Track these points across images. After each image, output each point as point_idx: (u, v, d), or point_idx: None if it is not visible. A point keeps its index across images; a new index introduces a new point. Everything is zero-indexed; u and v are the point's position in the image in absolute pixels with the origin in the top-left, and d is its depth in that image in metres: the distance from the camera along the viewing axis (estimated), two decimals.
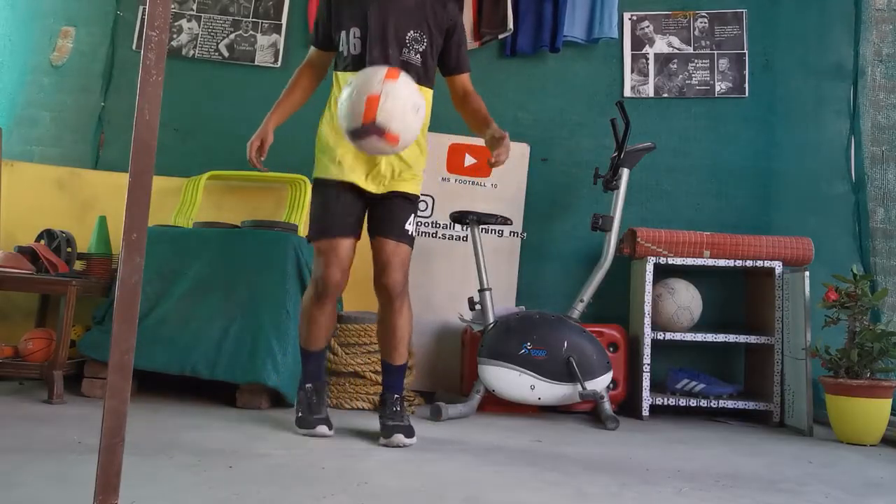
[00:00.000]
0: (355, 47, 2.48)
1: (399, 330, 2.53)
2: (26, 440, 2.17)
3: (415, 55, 2.49)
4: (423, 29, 2.50)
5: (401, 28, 2.47)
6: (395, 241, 2.48)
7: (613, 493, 1.92)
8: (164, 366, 2.98)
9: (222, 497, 1.66)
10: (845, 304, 3.03)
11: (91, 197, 3.72)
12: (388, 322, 2.54)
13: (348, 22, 2.50)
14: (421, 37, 2.50)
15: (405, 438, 2.40)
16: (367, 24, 2.47)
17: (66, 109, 4.03)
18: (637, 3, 4.06)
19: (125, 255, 1.23)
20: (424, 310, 3.68)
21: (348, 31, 2.49)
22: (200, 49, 4.09)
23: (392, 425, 2.44)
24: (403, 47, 2.48)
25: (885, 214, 3.66)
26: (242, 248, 3.16)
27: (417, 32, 2.49)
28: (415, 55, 2.49)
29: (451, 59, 2.60)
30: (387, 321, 2.54)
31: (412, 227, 2.52)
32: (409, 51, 2.48)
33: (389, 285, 2.47)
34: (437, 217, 3.83)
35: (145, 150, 1.26)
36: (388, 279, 2.47)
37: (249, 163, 2.56)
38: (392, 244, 2.47)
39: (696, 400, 3.35)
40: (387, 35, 2.46)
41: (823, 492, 2.05)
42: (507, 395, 3.12)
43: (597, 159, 3.76)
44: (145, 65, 1.26)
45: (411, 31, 2.49)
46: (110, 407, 1.21)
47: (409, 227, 2.50)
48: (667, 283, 3.50)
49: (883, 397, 2.92)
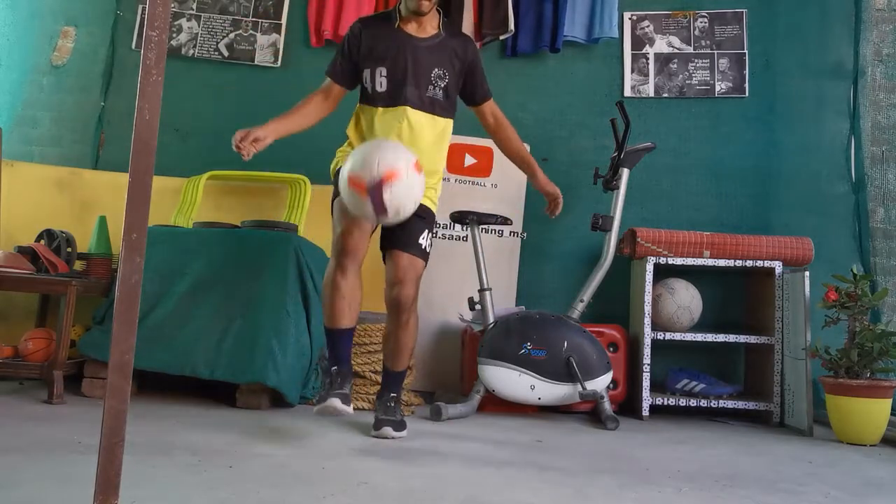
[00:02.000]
0: (381, 85, 2.59)
1: (404, 344, 2.60)
2: (26, 440, 2.16)
3: (439, 91, 2.62)
4: (446, 66, 2.63)
5: (426, 67, 2.60)
6: (409, 255, 2.51)
7: (613, 493, 1.92)
8: (164, 366, 2.98)
9: (222, 497, 1.66)
10: (845, 304, 3.03)
11: (91, 197, 3.72)
12: (395, 335, 2.58)
13: (375, 61, 2.60)
14: (444, 74, 2.63)
15: (393, 431, 2.49)
16: (395, 64, 2.58)
17: (66, 109, 4.03)
18: (637, 3, 4.06)
19: (125, 255, 1.23)
20: (424, 310, 3.67)
21: (374, 70, 2.60)
22: (200, 49, 4.09)
23: (383, 419, 2.54)
24: (429, 84, 2.60)
25: (885, 214, 3.66)
26: (242, 248, 3.16)
27: (441, 70, 2.62)
28: (439, 91, 2.62)
29: (477, 94, 2.75)
30: (394, 334, 2.59)
31: (426, 241, 2.56)
32: (434, 87, 2.61)
33: (401, 300, 2.50)
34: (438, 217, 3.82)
35: (145, 150, 1.26)
36: (401, 293, 2.50)
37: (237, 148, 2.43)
38: (406, 257, 2.51)
39: (696, 400, 3.35)
40: (414, 74, 2.58)
41: (823, 492, 2.05)
42: (507, 395, 3.12)
43: (597, 159, 3.76)
44: (145, 65, 1.26)
45: (436, 69, 2.61)
46: (110, 407, 1.21)
47: (423, 242, 2.55)
48: (667, 283, 3.50)
49: (883, 397, 2.92)
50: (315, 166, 2.83)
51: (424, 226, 2.57)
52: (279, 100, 3.88)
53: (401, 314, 2.52)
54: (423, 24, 2.63)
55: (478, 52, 2.77)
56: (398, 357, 2.62)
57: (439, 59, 2.63)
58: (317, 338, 3.12)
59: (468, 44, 2.72)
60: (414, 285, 2.51)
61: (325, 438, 2.45)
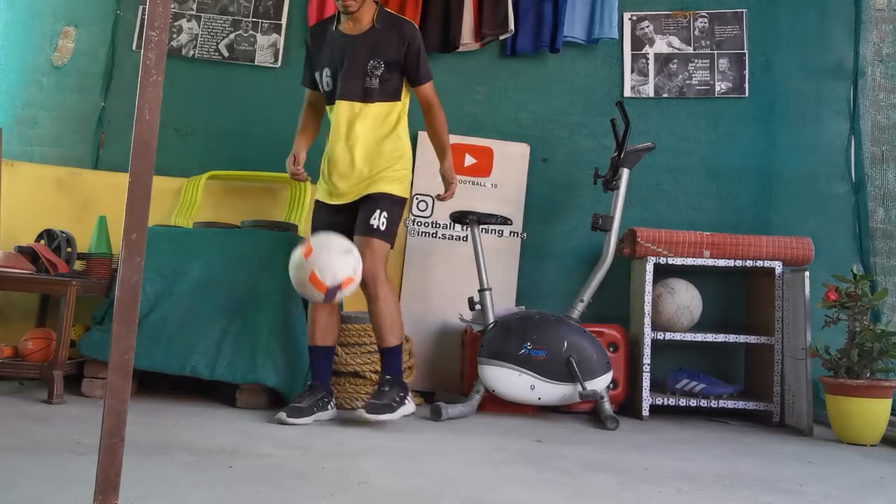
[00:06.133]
0: (328, 84, 2.93)
1: (381, 316, 2.80)
2: (26, 440, 2.17)
3: (375, 81, 2.87)
4: (380, 56, 2.87)
5: (361, 60, 2.87)
6: (363, 237, 2.80)
7: (613, 493, 1.92)
8: (164, 366, 2.98)
9: (222, 497, 1.66)
10: (845, 304, 3.03)
11: (91, 197, 3.72)
12: (371, 310, 2.83)
13: (321, 63, 2.94)
14: (379, 63, 2.87)
15: (367, 413, 2.62)
16: (333, 63, 2.90)
17: (66, 109, 4.03)
18: (637, 3, 4.06)
19: (125, 255, 1.23)
20: (425, 310, 3.68)
21: (321, 71, 2.94)
22: (200, 49, 4.09)
23: (368, 401, 2.72)
24: (366, 76, 2.87)
25: (885, 214, 3.66)
26: (242, 248, 3.16)
27: (376, 60, 2.87)
28: (375, 81, 2.87)
29: (412, 73, 2.94)
30: (371, 309, 2.83)
31: (378, 221, 2.82)
32: (371, 78, 2.87)
33: (365, 275, 2.74)
34: (437, 217, 3.83)
35: (145, 150, 1.26)
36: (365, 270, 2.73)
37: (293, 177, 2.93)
38: (361, 239, 2.80)
39: (696, 400, 3.35)
40: (349, 69, 2.87)
41: (823, 491, 2.05)
42: (507, 395, 3.12)
43: (597, 159, 3.76)
44: (145, 65, 1.26)
45: (371, 61, 2.87)
46: (110, 407, 1.21)
47: (375, 222, 2.81)
48: (667, 283, 3.50)
49: (883, 397, 2.92)
50: (315, 166, 2.84)
51: (375, 206, 2.83)
52: (279, 100, 3.91)
53: (368, 287, 2.77)
54: (357, 19, 2.90)
55: (416, 34, 2.94)
56: (381, 331, 2.81)
57: (373, 50, 2.87)
58: None
59: (404, 28, 2.92)
60: (371, 260, 2.76)
61: (325, 438, 2.45)
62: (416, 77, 2.94)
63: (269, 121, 3.92)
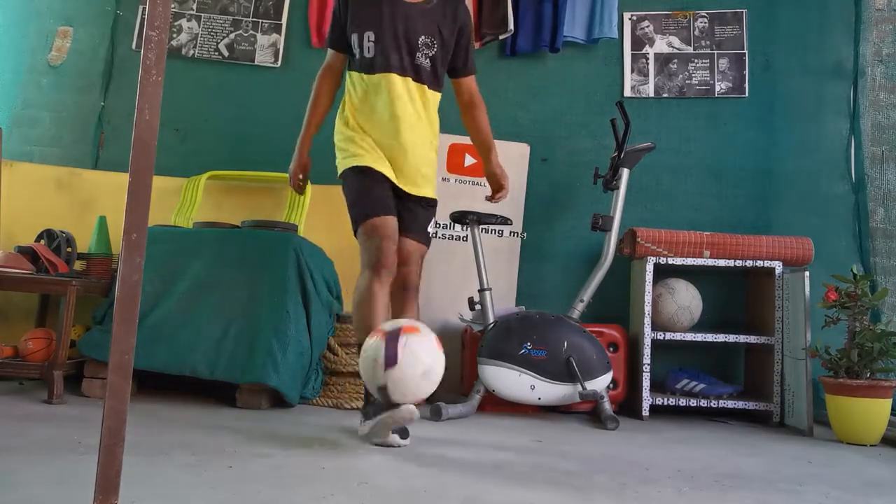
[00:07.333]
0: (369, 51, 2.53)
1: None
2: (26, 440, 2.16)
3: (425, 60, 2.56)
4: (434, 34, 2.57)
5: (413, 33, 2.54)
6: (417, 242, 2.63)
7: (613, 493, 1.92)
8: (164, 366, 2.98)
9: (222, 497, 1.66)
10: (845, 304, 3.03)
11: (91, 197, 3.72)
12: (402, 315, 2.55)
13: (363, 25, 2.54)
14: (432, 42, 2.56)
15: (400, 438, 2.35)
16: (381, 28, 2.52)
17: (66, 109, 4.03)
18: (637, 3, 4.06)
19: (125, 255, 1.23)
20: (424, 310, 3.66)
21: (362, 34, 2.54)
22: (200, 49, 4.09)
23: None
24: (417, 52, 2.54)
25: (885, 214, 3.65)
26: (242, 248, 3.16)
27: (429, 38, 2.56)
28: (425, 60, 2.56)
29: (459, 60, 2.67)
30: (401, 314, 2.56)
31: (433, 229, 2.72)
32: (421, 55, 2.55)
33: (408, 279, 2.59)
34: (437, 217, 3.81)
35: (145, 150, 1.26)
36: (408, 274, 2.58)
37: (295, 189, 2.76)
38: (414, 243, 2.62)
39: (696, 400, 3.35)
40: (399, 40, 2.52)
41: (823, 492, 2.05)
42: (507, 395, 3.12)
43: (597, 159, 3.76)
44: (145, 65, 1.26)
45: (423, 37, 2.55)
46: (110, 407, 1.21)
47: (431, 230, 2.71)
48: (667, 283, 3.50)
49: (883, 397, 2.92)
50: (315, 166, 2.83)
51: (431, 215, 2.70)
52: (279, 100, 3.92)
53: (407, 292, 2.60)
54: None
55: (470, 19, 2.68)
56: None
57: (429, 25, 2.55)
58: (317, 338, 3.12)
59: (460, 8, 2.63)
60: (419, 266, 2.63)
61: (325, 438, 2.45)
62: (465, 66, 2.67)
63: (269, 121, 3.92)
